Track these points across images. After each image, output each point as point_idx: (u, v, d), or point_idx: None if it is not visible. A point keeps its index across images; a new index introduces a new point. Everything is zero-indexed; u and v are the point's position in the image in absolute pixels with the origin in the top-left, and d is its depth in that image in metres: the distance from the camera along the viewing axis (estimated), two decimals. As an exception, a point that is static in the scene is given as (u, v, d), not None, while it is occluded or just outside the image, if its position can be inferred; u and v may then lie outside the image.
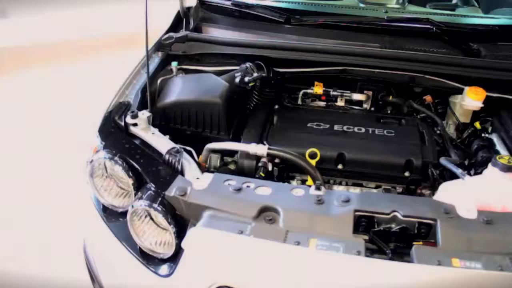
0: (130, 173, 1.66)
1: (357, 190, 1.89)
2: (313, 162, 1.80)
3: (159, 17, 2.42)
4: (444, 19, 2.53)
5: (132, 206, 1.59)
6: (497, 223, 1.45)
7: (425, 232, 1.46)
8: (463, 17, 2.67)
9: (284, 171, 1.89)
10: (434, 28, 2.33)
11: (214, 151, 1.89)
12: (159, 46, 2.32)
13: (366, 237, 1.44)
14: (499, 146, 1.97)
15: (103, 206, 1.80)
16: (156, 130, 1.85)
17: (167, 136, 1.84)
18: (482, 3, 3.06)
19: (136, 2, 1.87)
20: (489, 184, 1.61)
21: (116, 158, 1.68)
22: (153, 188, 1.59)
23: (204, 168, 1.88)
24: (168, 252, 1.60)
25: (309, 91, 2.28)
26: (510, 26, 2.56)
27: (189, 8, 2.56)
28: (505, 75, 2.15)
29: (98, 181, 1.79)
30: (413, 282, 1.28)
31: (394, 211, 1.46)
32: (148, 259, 1.64)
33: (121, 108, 1.92)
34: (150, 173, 1.65)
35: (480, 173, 1.71)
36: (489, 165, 1.63)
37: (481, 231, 1.42)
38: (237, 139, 1.97)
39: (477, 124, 2.20)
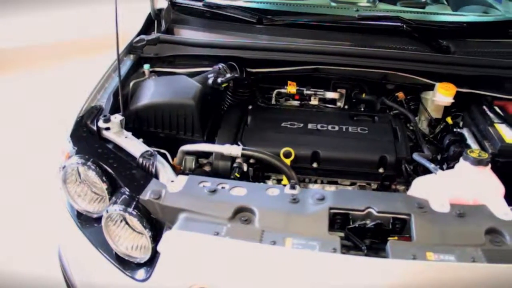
0: (104, 178, 1.64)
1: (332, 188, 1.91)
2: (287, 161, 1.81)
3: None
4: (414, 16, 2.56)
5: (107, 211, 1.57)
6: (469, 215, 1.48)
7: (399, 227, 1.48)
8: (433, 15, 2.72)
9: (260, 171, 1.90)
10: (404, 26, 2.36)
11: (189, 153, 1.88)
12: (131, 48, 2.30)
13: (342, 234, 1.45)
14: (470, 140, 2.01)
15: (77, 212, 1.77)
16: (129, 134, 1.83)
17: (141, 140, 1.83)
18: (451, 1, 3.12)
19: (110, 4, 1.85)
20: (461, 178, 1.64)
21: (89, 163, 1.65)
22: (127, 192, 1.58)
23: (179, 170, 1.87)
24: (145, 256, 1.58)
25: (282, 90, 2.29)
26: (477, 23, 2.61)
27: (160, 10, 2.54)
28: (474, 70, 2.19)
29: (72, 187, 1.76)
30: (389, 277, 1.29)
31: (369, 207, 1.47)
32: (124, 264, 1.62)
33: (93, 113, 1.89)
34: (124, 177, 1.63)
35: (453, 167, 1.73)
36: (461, 159, 1.66)
37: (454, 224, 1.45)
38: (211, 140, 1.97)
39: (449, 119, 2.24)
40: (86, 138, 1.81)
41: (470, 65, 2.21)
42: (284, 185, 1.56)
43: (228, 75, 2.08)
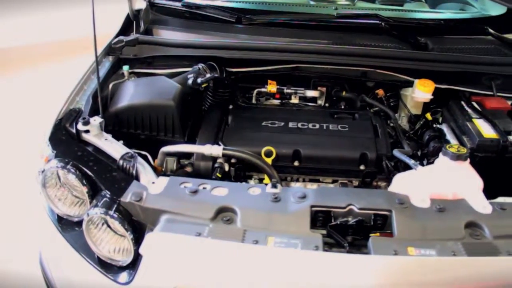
0: (84, 181, 1.63)
1: (314, 186, 1.91)
2: (269, 160, 1.81)
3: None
4: (392, 14, 2.59)
5: (88, 215, 1.56)
6: (449, 210, 1.50)
7: (381, 223, 1.49)
8: (411, 12, 2.75)
9: (241, 171, 1.89)
10: (382, 23, 2.39)
11: (170, 154, 1.87)
12: (109, 50, 2.28)
13: (324, 232, 1.46)
14: (449, 136, 2.03)
15: (58, 216, 1.75)
16: (109, 136, 1.82)
17: (121, 142, 1.82)
18: (428, -2, 3.15)
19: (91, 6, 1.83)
20: (440, 173, 1.66)
21: (68, 166, 1.64)
22: (108, 195, 1.56)
23: (160, 172, 1.86)
24: (127, 259, 1.57)
25: (263, 90, 2.29)
26: (454, 20, 2.65)
27: (138, 11, 2.52)
28: (452, 67, 2.22)
29: (52, 191, 1.74)
30: (372, 273, 1.30)
31: (350, 204, 1.48)
32: (107, 267, 1.62)
33: (72, 115, 1.87)
34: (104, 180, 1.62)
35: (433, 162, 1.75)
36: (440, 154, 1.68)
37: (434, 219, 1.47)
38: (192, 141, 1.96)
39: (428, 115, 2.26)
40: (65, 141, 1.79)
41: (448, 62, 2.25)
42: (266, 184, 1.57)
43: (208, 75, 2.08)
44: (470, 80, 2.26)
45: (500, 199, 1.63)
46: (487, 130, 1.92)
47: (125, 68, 2.21)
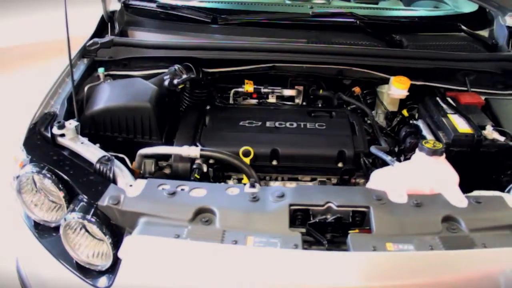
0: (61, 186, 1.61)
1: (293, 184, 1.92)
2: (247, 160, 1.81)
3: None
4: (367, 12, 2.62)
5: (65, 219, 1.54)
6: (426, 205, 1.52)
7: (359, 220, 1.51)
8: (386, 10, 2.79)
9: (220, 171, 1.89)
10: (357, 22, 2.41)
11: (148, 156, 1.86)
12: (84, 52, 2.25)
13: (303, 230, 1.47)
14: (425, 131, 2.05)
15: (34, 222, 1.73)
16: (85, 140, 1.79)
17: (98, 145, 1.80)
18: (403, -4, 3.19)
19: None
20: (417, 169, 1.68)
21: (44, 171, 1.61)
22: (85, 199, 1.55)
23: (138, 174, 1.85)
24: (106, 263, 1.56)
25: (240, 89, 2.29)
26: (428, 17, 2.69)
27: (113, 12, 2.49)
28: (426, 63, 2.26)
29: (28, 197, 1.72)
30: (351, 270, 1.31)
31: (328, 202, 1.49)
32: (86, 272, 1.60)
33: (47, 119, 1.84)
34: (81, 184, 1.60)
35: (409, 158, 1.77)
36: (416, 150, 1.70)
37: (411, 214, 1.49)
38: (170, 142, 1.95)
39: (405, 112, 2.29)
40: (40, 145, 1.76)
41: (423, 58, 2.28)
42: (244, 184, 1.57)
43: (184, 76, 2.07)
44: (444, 76, 2.30)
45: (476, 193, 1.65)
46: (462, 125, 1.95)
47: (101, 71, 2.19)
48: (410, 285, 1.34)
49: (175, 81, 2.04)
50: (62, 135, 1.76)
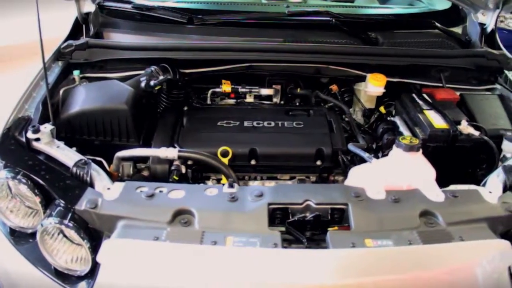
0: (36, 191, 1.58)
1: (272, 183, 1.92)
2: (225, 160, 1.81)
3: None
4: (343, 10, 2.64)
5: (42, 225, 1.51)
6: (404, 200, 1.54)
7: (338, 217, 1.52)
8: (361, 8, 2.81)
9: (198, 172, 1.89)
10: (333, 20, 2.42)
11: (125, 159, 1.84)
12: (59, 54, 2.22)
13: (283, 229, 1.47)
14: (402, 128, 2.08)
15: (10, 228, 1.69)
16: (61, 143, 1.77)
17: (74, 148, 1.77)
18: (378, -6, 3.22)
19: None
20: (394, 165, 1.70)
21: (19, 176, 1.58)
22: (62, 204, 1.52)
23: (116, 177, 1.83)
24: (85, 268, 1.54)
25: (217, 90, 2.28)
26: (403, 15, 2.72)
27: (88, 14, 2.46)
28: (402, 60, 2.28)
29: (3, 203, 1.68)
30: (331, 267, 1.31)
31: (307, 200, 1.50)
32: (64, 278, 1.57)
33: (21, 123, 1.81)
34: (57, 188, 1.58)
35: (387, 155, 1.79)
36: (394, 146, 1.72)
37: (390, 210, 1.50)
38: (148, 144, 1.93)
39: (382, 109, 2.32)
40: (15, 150, 1.73)
41: (399, 56, 2.30)
42: (223, 185, 1.56)
43: (161, 77, 2.05)
44: (420, 73, 2.33)
45: (452, 187, 1.68)
46: (437, 121, 1.97)
47: (76, 73, 2.16)
48: (390, 280, 1.35)
49: (152, 83, 2.02)
50: (37, 139, 1.73)
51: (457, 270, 1.42)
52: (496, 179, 1.69)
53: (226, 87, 2.26)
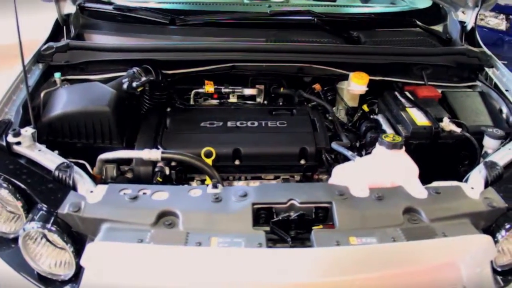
0: (18, 195, 1.55)
1: (256, 183, 1.92)
2: (209, 161, 1.80)
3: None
4: (325, 10, 2.65)
5: (24, 230, 1.49)
6: (388, 198, 1.55)
7: (322, 216, 1.52)
8: (343, 7, 2.82)
9: (182, 173, 1.88)
10: (315, 19, 2.42)
11: (108, 161, 1.82)
12: (39, 57, 2.19)
13: (267, 229, 1.47)
14: (385, 126, 2.09)
15: (-8, 234, 1.67)
16: (43, 147, 1.75)
17: (56, 152, 1.75)
18: (360, -7, 3.24)
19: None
20: (377, 162, 1.70)
21: (0, 181, 1.56)
22: (44, 208, 1.50)
23: (99, 180, 1.81)
24: (69, 272, 1.52)
25: (200, 90, 2.28)
26: (385, 13, 2.74)
27: (68, 15, 2.43)
28: (384, 58, 2.30)
29: (-17, 209, 1.66)
30: (315, 265, 1.32)
31: (291, 199, 1.50)
32: (48, 283, 1.55)
33: (1, 127, 1.78)
34: (39, 192, 1.55)
35: (370, 152, 1.80)
36: (377, 144, 1.72)
37: (373, 208, 1.51)
38: (131, 146, 1.92)
39: (365, 107, 2.33)
40: None
41: (381, 54, 2.32)
42: (207, 185, 1.56)
43: (143, 79, 2.04)
44: (402, 71, 2.35)
45: (435, 184, 1.69)
46: (420, 118, 1.99)
47: (57, 76, 2.13)
48: (375, 277, 1.36)
49: (134, 84, 2.01)
50: (18, 143, 1.71)
51: (441, 266, 1.44)
52: (478, 175, 1.72)
53: (209, 87, 2.25)
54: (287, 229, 1.48)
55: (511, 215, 1.57)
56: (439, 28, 2.68)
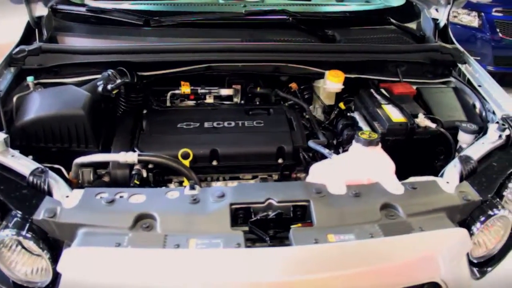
0: None
1: (234, 183, 1.92)
2: (186, 162, 1.79)
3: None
4: (300, 9, 2.65)
5: (-3, 238, 1.46)
6: (365, 194, 1.57)
7: (301, 214, 1.53)
8: (318, 6, 2.84)
9: (160, 176, 1.86)
10: (290, 19, 2.43)
11: (85, 165, 1.80)
12: (11, 60, 2.15)
13: (246, 229, 1.47)
14: (361, 123, 2.11)
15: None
16: (16, 152, 1.71)
17: (30, 157, 1.72)
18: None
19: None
20: (354, 160, 1.71)
21: None
22: (19, 215, 1.47)
23: (76, 184, 1.79)
24: (46, 279, 1.50)
25: (176, 91, 2.26)
26: (359, 11, 2.76)
27: (40, 18, 2.39)
28: (359, 56, 2.31)
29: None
30: (294, 263, 1.32)
31: (269, 198, 1.50)
32: (25, 291, 1.53)
33: None
34: (13, 199, 1.52)
35: (347, 150, 1.80)
36: (353, 141, 1.74)
37: (351, 205, 1.52)
38: (108, 149, 1.90)
39: (342, 105, 2.34)
40: None
41: (356, 52, 2.34)
42: (184, 187, 1.55)
43: (118, 81, 2.01)
44: (377, 68, 2.36)
45: (411, 179, 1.71)
46: (395, 115, 2.01)
47: (30, 79, 2.09)
48: (353, 273, 1.37)
49: (109, 87, 1.98)
50: (-10, 149, 1.68)
51: (419, 260, 1.45)
52: (453, 169, 1.74)
53: (185, 88, 2.24)
54: (266, 228, 1.47)
55: (485, 208, 1.61)
56: (412, 25, 2.71)
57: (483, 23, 5.62)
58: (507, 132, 1.87)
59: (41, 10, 2.38)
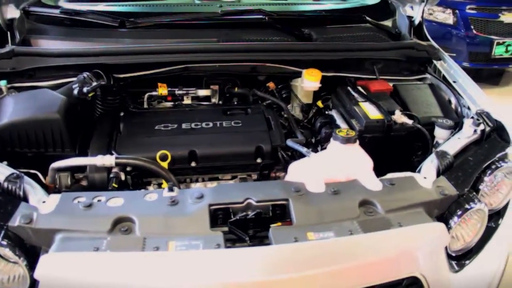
0: None
1: (214, 184, 1.91)
2: (164, 164, 1.78)
3: None
4: (276, 8, 2.66)
5: (-28, 246, 1.43)
6: (343, 192, 1.58)
7: (280, 213, 1.53)
8: (294, 5, 2.84)
9: (138, 178, 1.85)
10: (266, 18, 2.43)
11: (61, 169, 1.77)
12: None
13: (226, 229, 1.46)
14: (339, 121, 2.12)
15: None
16: (-11, 158, 1.68)
17: (5, 162, 1.69)
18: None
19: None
20: (332, 157, 1.73)
21: None
22: (-6, 222, 1.45)
23: (53, 189, 1.76)
24: (23, 287, 1.47)
25: (154, 93, 2.24)
26: (335, 10, 2.78)
27: (12, 20, 2.34)
28: (336, 55, 2.32)
29: None
30: (274, 262, 1.32)
31: (248, 198, 1.50)
32: (0, 300, 1.50)
33: None
34: None
35: (326, 148, 1.81)
36: (331, 139, 1.75)
37: (330, 202, 1.53)
38: (85, 153, 1.87)
39: (320, 103, 2.35)
40: None
41: (332, 50, 2.34)
42: (163, 189, 1.54)
43: (94, 84, 1.98)
44: (354, 66, 2.38)
45: (389, 175, 1.73)
46: (372, 112, 2.03)
47: (2, 83, 2.05)
48: (333, 271, 1.38)
49: (85, 89, 1.95)
50: (-38, 156, 1.64)
51: (398, 255, 1.47)
52: (430, 164, 1.76)
53: (163, 90, 2.22)
54: (245, 228, 1.47)
55: (462, 202, 1.63)
56: (388, 23, 2.74)
57: (457, 20, 5.70)
58: (482, 126, 1.91)
59: (12, 12, 2.34)
